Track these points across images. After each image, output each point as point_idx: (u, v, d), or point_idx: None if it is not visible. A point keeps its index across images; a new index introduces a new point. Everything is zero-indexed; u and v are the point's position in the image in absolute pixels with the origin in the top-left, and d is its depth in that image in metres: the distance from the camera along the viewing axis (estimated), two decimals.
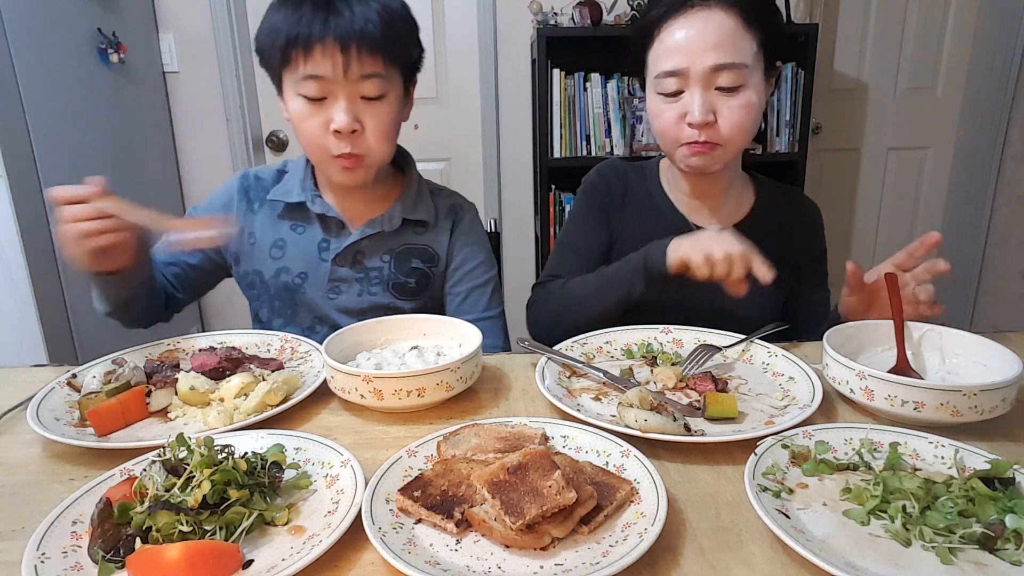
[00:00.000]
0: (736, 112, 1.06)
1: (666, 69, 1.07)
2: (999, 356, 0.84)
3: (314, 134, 1.06)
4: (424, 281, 1.23)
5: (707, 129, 1.07)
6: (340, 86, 1.02)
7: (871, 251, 3.35)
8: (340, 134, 1.04)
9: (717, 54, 1.04)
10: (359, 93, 1.04)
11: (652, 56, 1.11)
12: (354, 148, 1.06)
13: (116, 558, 0.56)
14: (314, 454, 0.72)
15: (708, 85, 1.06)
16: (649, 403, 0.78)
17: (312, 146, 1.09)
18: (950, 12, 3.05)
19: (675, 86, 1.07)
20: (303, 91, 1.04)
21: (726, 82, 1.05)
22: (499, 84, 2.92)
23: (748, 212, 1.25)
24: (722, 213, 1.24)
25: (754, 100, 1.07)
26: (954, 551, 0.56)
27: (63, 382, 0.91)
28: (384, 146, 1.10)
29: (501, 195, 3.07)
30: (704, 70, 1.04)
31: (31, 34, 1.98)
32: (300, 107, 1.05)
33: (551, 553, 0.58)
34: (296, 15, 1.00)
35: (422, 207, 1.22)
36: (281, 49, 1.02)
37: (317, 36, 0.99)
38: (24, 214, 1.92)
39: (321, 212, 1.18)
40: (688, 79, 1.06)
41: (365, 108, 1.05)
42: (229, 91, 2.83)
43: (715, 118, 1.06)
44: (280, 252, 1.20)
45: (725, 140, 1.08)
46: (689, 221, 1.24)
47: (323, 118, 1.05)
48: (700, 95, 1.05)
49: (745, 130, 1.08)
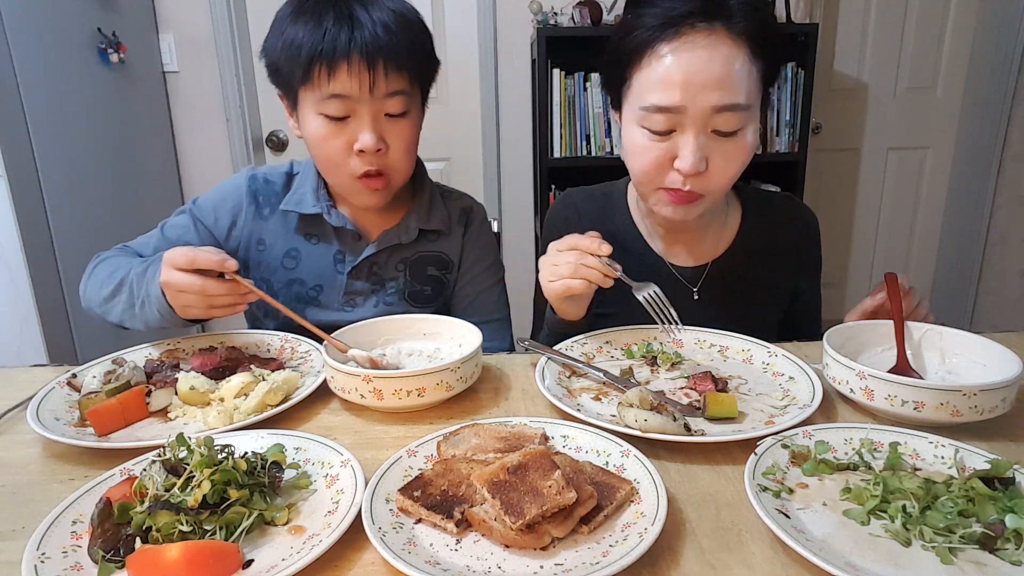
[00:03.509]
0: (730, 161, 0.94)
1: (658, 104, 0.91)
2: (999, 356, 0.84)
3: (335, 155, 1.02)
4: (439, 288, 1.22)
5: (696, 178, 0.94)
6: (364, 104, 0.98)
7: (871, 251, 3.35)
8: (364, 154, 1.01)
9: (721, 94, 0.89)
10: (383, 110, 1.00)
11: (638, 81, 0.94)
12: (379, 166, 1.03)
13: (116, 558, 0.56)
14: (314, 454, 0.72)
15: (704, 128, 0.91)
16: (649, 403, 0.78)
17: (333, 167, 1.05)
18: (950, 12, 3.05)
19: (665, 125, 0.92)
20: (325, 110, 0.99)
21: (725, 126, 0.91)
22: (499, 84, 2.92)
23: (734, 239, 1.14)
24: (703, 245, 1.13)
25: (750, 141, 0.95)
26: (954, 551, 0.56)
27: (63, 382, 0.91)
28: (408, 163, 1.08)
29: (501, 195, 3.07)
30: (704, 111, 0.90)
31: (31, 34, 1.98)
32: (320, 127, 1.01)
33: (551, 553, 0.58)
34: (319, 30, 0.95)
35: (436, 216, 1.19)
36: (303, 67, 0.97)
37: (342, 53, 0.94)
38: (24, 214, 1.92)
39: (339, 225, 1.14)
40: (683, 119, 0.91)
41: (388, 125, 1.02)
42: (229, 91, 2.83)
43: (706, 165, 0.93)
44: (294, 263, 1.16)
45: (711, 190, 0.96)
46: (665, 261, 1.13)
47: (346, 138, 1.01)
48: (694, 140, 0.91)
49: (735, 176, 0.96)
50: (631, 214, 1.17)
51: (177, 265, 0.89)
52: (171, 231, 1.16)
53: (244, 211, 1.16)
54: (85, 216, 2.19)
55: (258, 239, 1.17)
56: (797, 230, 1.19)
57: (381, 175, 1.04)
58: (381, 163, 1.03)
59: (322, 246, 1.17)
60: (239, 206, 1.16)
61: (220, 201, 1.17)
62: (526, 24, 2.81)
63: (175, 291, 0.91)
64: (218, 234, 1.16)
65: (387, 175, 1.05)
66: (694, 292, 1.14)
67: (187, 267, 0.89)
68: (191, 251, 0.90)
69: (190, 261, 0.89)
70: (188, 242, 1.09)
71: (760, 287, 1.16)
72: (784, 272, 1.17)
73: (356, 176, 1.04)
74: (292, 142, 3.00)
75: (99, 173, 2.31)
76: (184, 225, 1.16)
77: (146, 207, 2.62)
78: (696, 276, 1.14)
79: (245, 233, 1.17)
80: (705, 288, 1.14)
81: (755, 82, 0.93)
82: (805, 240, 1.20)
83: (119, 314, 1.03)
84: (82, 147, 2.23)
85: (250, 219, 1.17)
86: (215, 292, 0.91)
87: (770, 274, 1.16)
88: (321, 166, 1.09)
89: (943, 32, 3.07)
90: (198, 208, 1.17)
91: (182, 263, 0.89)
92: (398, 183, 1.09)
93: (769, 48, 0.93)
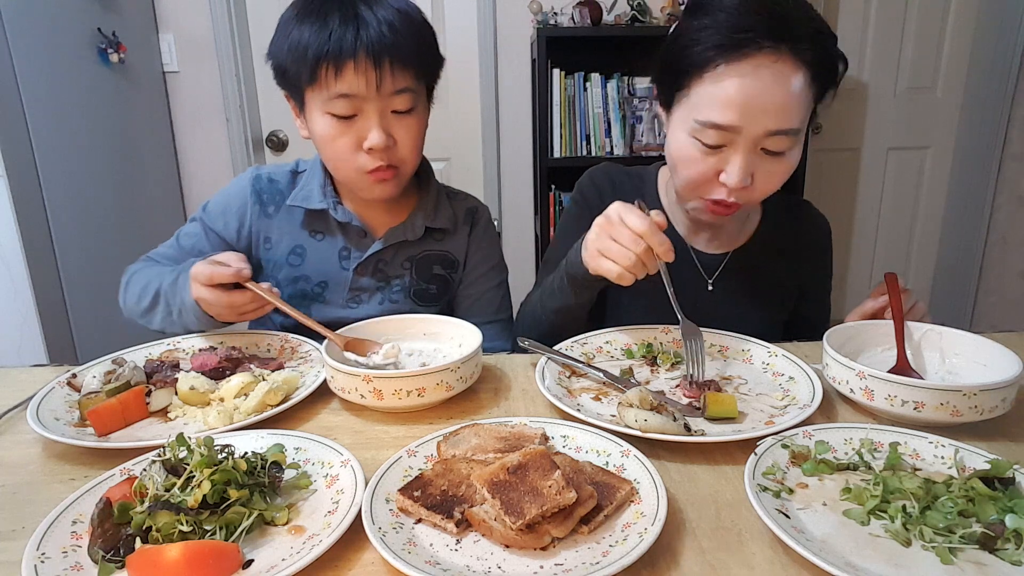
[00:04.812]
0: (775, 178, 0.95)
1: (714, 121, 0.91)
2: (999, 356, 0.84)
3: (344, 153, 1.03)
4: (444, 287, 1.22)
5: (740, 192, 0.95)
6: (372, 102, 1.00)
7: (871, 251, 3.35)
8: (373, 151, 1.02)
9: (778, 119, 0.89)
10: (390, 108, 1.02)
11: (696, 93, 0.93)
12: (388, 161, 1.04)
13: (116, 558, 0.56)
14: (314, 454, 0.72)
15: (755, 148, 0.92)
16: (649, 403, 0.78)
17: (342, 165, 1.06)
18: (950, 12, 3.05)
19: (717, 140, 0.92)
20: (332, 110, 1.00)
21: (775, 147, 0.92)
22: (499, 84, 2.92)
23: (753, 232, 1.17)
24: (724, 236, 1.16)
25: (794, 159, 0.95)
26: (954, 551, 0.56)
27: (63, 382, 0.91)
28: (415, 157, 1.09)
29: (501, 195, 3.07)
30: (758, 134, 0.90)
31: (31, 34, 1.98)
32: (327, 126, 1.02)
33: (551, 553, 0.58)
34: (324, 31, 0.96)
35: (442, 214, 1.20)
36: (310, 67, 0.98)
37: (349, 52, 0.95)
38: (24, 214, 1.92)
39: (344, 220, 1.15)
40: (736, 137, 0.91)
41: (395, 122, 1.03)
42: (229, 91, 2.83)
43: (751, 180, 0.94)
44: (299, 259, 1.17)
45: (751, 201, 0.99)
46: (687, 244, 1.15)
47: (354, 136, 1.02)
48: (744, 158, 0.92)
49: (774, 191, 0.98)
50: (660, 197, 1.18)
51: (200, 283, 0.95)
52: (185, 240, 1.19)
53: (249, 211, 1.18)
54: (85, 216, 2.19)
55: (264, 237, 1.18)
56: (811, 234, 1.22)
57: (390, 168, 1.06)
58: (390, 159, 1.04)
59: (327, 242, 1.17)
60: (244, 207, 1.18)
61: (226, 205, 1.19)
62: (526, 24, 2.81)
63: (206, 305, 0.97)
64: (228, 238, 1.18)
65: (396, 168, 1.07)
66: (709, 283, 1.15)
67: (209, 283, 0.95)
68: (209, 269, 0.95)
69: (209, 278, 0.94)
70: (201, 250, 1.15)
71: (772, 285, 1.17)
72: (794, 272, 1.19)
73: (366, 171, 1.05)
74: (292, 142, 3.00)
75: (99, 173, 2.31)
76: (196, 233, 1.19)
77: (146, 207, 2.62)
78: (715, 264, 1.15)
79: (252, 232, 1.18)
80: (720, 279, 1.15)
81: (808, 105, 0.93)
82: (817, 245, 1.23)
83: (160, 323, 1.08)
84: (82, 147, 2.23)
85: (255, 218, 1.18)
86: (241, 302, 0.97)
87: (782, 272, 1.18)
88: (330, 164, 1.10)
89: (943, 32, 3.07)
90: (208, 215, 1.19)
91: (203, 281, 0.95)
92: (407, 175, 1.10)
93: (829, 75, 0.93)
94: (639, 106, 2.69)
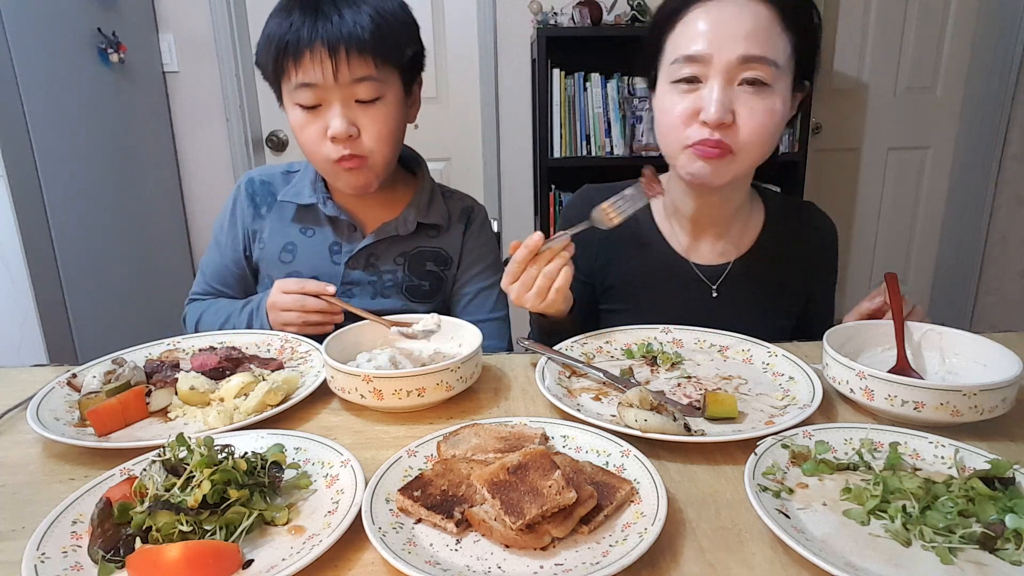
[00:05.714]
0: (758, 115, 0.94)
1: (685, 54, 0.94)
2: (999, 356, 0.84)
3: (313, 142, 1.06)
4: (437, 284, 1.23)
5: (722, 129, 0.94)
6: (333, 92, 1.02)
7: (871, 251, 3.35)
8: (336, 140, 1.04)
9: (747, 44, 0.91)
10: (353, 97, 1.03)
11: (670, 42, 0.98)
12: (353, 151, 1.05)
13: (116, 558, 0.56)
14: (314, 454, 0.72)
15: (731, 80, 0.93)
16: (649, 403, 0.78)
17: (313, 154, 1.09)
18: (950, 12, 3.05)
19: (692, 72, 0.94)
20: (298, 100, 1.04)
21: (751, 75, 0.93)
22: (499, 84, 2.92)
23: (755, 239, 1.14)
24: (726, 242, 1.14)
25: (779, 107, 0.95)
26: (954, 551, 0.56)
27: (63, 382, 0.91)
28: (385, 148, 1.08)
29: (501, 195, 3.07)
30: (730, 61, 0.92)
31: (31, 34, 1.97)
32: (298, 116, 1.06)
33: (551, 553, 0.58)
34: (287, 23, 1.00)
35: (435, 210, 1.21)
36: (274, 59, 1.02)
37: (306, 42, 0.99)
38: (24, 214, 1.92)
39: (333, 215, 1.17)
40: (709, 68, 0.93)
41: (361, 111, 1.04)
42: (229, 91, 2.83)
43: (733, 119, 0.94)
44: (291, 256, 1.19)
45: (740, 146, 0.95)
46: (684, 258, 1.13)
47: (320, 125, 1.04)
48: (720, 90, 0.92)
49: (765, 139, 0.96)
50: (652, 213, 1.17)
51: (286, 289, 1.07)
52: (208, 268, 1.26)
53: (244, 215, 1.21)
54: (85, 216, 2.19)
55: (258, 236, 1.21)
56: (817, 237, 1.21)
57: (356, 157, 1.06)
58: (355, 148, 1.06)
59: (317, 237, 1.19)
60: (240, 213, 1.22)
61: (229, 219, 1.24)
62: (526, 24, 2.81)
63: (279, 310, 1.08)
64: (238, 250, 1.22)
65: (364, 158, 1.07)
66: (713, 289, 1.14)
67: (295, 290, 1.07)
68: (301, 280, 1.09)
69: (300, 286, 1.08)
70: (224, 278, 1.24)
71: (778, 291, 1.15)
72: (801, 277, 1.17)
73: (332, 160, 1.06)
74: (292, 142, 3.00)
75: (99, 173, 2.31)
76: (216, 261, 1.24)
77: (146, 207, 2.62)
78: (717, 274, 1.14)
79: (247, 233, 1.22)
80: (725, 286, 1.14)
81: (786, 49, 0.95)
82: (823, 248, 1.22)
83: None
84: (82, 147, 2.23)
85: (250, 220, 1.21)
86: (314, 307, 1.07)
87: (788, 278, 1.16)
88: (306, 155, 1.12)
89: (943, 32, 3.07)
90: (220, 233, 1.24)
91: (292, 287, 1.07)
92: (379, 167, 1.10)
93: (801, 22, 0.96)
94: (639, 106, 2.69)
